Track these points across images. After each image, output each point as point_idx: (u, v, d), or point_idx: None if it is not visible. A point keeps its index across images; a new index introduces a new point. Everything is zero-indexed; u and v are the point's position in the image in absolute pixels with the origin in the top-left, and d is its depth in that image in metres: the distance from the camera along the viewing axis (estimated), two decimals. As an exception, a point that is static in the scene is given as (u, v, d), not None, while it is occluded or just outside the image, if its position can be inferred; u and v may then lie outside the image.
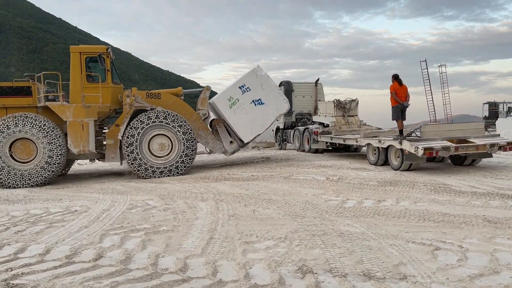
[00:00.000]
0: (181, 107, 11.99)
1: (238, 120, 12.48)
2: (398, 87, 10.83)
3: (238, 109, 12.47)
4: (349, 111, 15.78)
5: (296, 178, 9.59)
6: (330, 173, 10.26)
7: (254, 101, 12.54)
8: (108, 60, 11.35)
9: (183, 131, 11.43)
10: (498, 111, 37.40)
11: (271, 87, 12.80)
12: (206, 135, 12.28)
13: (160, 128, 11.31)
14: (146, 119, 11.20)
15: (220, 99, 12.64)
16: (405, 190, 8.01)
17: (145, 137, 11.21)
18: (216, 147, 12.49)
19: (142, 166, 11.11)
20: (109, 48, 11.47)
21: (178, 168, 11.37)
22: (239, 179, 9.75)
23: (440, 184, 8.50)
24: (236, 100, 12.44)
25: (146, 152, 11.19)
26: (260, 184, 8.79)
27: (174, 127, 11.36)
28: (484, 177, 9.29)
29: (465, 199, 7.07)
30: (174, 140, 11.37)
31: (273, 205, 6.69)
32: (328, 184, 8.69)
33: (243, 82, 12.58)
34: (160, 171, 11.23)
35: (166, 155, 11.38)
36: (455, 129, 10.51)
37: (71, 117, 10.77)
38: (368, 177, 9.53)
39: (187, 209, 6.49)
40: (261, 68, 12.83)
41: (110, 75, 11.46)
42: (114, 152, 11.27)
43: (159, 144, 11.33)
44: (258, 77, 12.67)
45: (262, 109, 12.61)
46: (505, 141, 9.99)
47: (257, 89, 12.58)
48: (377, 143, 11.36)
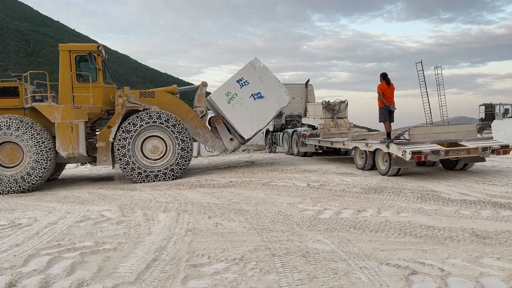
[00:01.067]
0: (177, 105, 11.41)
1: (238, 115, 11.84)
2: (385, 87, 10.21)
3: (237, 104, 11.83)
4: (338, 113, 15.14)
5: (275, 184, 8.95)
6: (313, 179, 9.64)
7: (253, 95, 11.88)
8: (99, 59, 10.75)
9: (178, 132, 10.81)
10: (495, 113, 36.84)
11: (270, 79, 12.10)
12: (204, 134, 11.68)
13: (154, 129, 10.71)
14: (139, 120, 10.58)
15: (217, 95, 11.95)
16: (390, 198, 7.38)
17: (138, 139, 10.60)
18: (215, 145, 11.88)
19: (135, 170, 10.51)
20: (100, 46, 10.87)
21: (173, 171, 10.76)
22: (215, 186, 9.11)
23: (428, 191, 7.88)
24: (234, 95, 11.79)
25: (139, 154, 10.59)
26: (235, 192, 8.15)
27: (168, 128, 10.74)
28: (476, 183, 8.68)
29: (453, 209, 6.45)
30: (169, 142, 10.77)
31: (241, 217, 6.05)
32: (307, 191, 8.06)
33: (241, 76, 11.90)
34: (154, 175, 10.62)
35: (160, 158, 10.78)
36: (446, 132, 9.89)
37: (59, 119, 10.12)
38: (353, 183, 8.91)
39: (143, 222, 5.85)
40: (259, 60, 12.12)
41: (102, 75, 10.87)
42: (105, 155, 10.66)
43: (152, 146, 10.72)
44: (257, 69, 11.99)
45: (262, 103, 11.95)
46: (498, 144, 9.37)
47: (256, 82, 11.91)
48: (364, 147, 10.74)
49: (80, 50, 10.67)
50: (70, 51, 10.62)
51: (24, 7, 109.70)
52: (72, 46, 10.87)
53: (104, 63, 11.19)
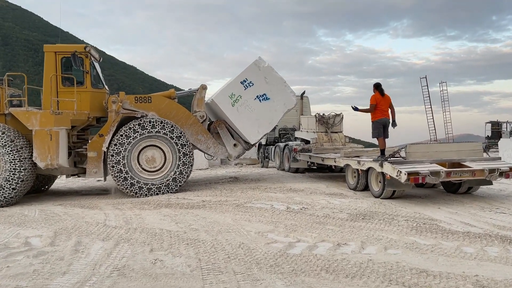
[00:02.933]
0: (175, 110, 10.49)
1: (243, 119, 10.90)
2: (379, 98, 9.20)
3: (242, 107, 10.87)
4: (333, 127, 14.06)
5: (250, 206, 7.85)
6: (296, 200, 8.53)
7: (259, 96, 10.97)
8: (87, 61, 9.85)
9: (182, 145, 9.88)
10: (501, 131, 35.63)
11: (276, 79, 11.17)
12: (206, 140, 10.74)
13: (155, 139, 9.77)
14: (140, 128, 9.65)
15: (220, 97, 10.95)
16: (379, 227, 6.26)
17: (134, 149, 9.66)
18: (218, 152, 10.94)
19: (128, 180, 9.54)
20: (87, 47, 9.95)
21: (168, 186, 9.80)
22: (183, 206, 8.02)
23: (426, 220, 6.75)
24: (238, 97, 10.85)
25: (135, 165, 9.65)
26: (200, 215, 7.05)
27: (172, 139, 9.81)
28: (482, 210, 7.54)
29: (454, 244, 5.32)
30: (169, 154, 9.83)
31: (191, 250, 4.95)
32: (284, 216, 6.95)
33: (245, 76, 10.94)
34: (148, 188, 9.66)
35: (157, 170, 9.82)
36: (448, 150, 8.77)
37: (37, 126, 9.07)
38: (340, 207, 7.79)
39: (69, 254, 4.75)
40: (263, 59, 11.17)
41: (89, 78, 9.92)
42: (97, 166, 9.66)
43: (149, 157, 9.79)
44: (261, 69, 11.05)
45: (268, 105, 11.03)
46: (507, 166, 8.23)
47: (260, 83, 10.98)
48: (356, 165, 9.63)
49: (67, 51, 9.75)
50: (56, 52, 9.77)
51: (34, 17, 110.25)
52: (58, 47, 10.01)
53: (94, 66, 10.26)
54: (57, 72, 9.71)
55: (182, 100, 11.92)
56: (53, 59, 9.73)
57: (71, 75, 9.75)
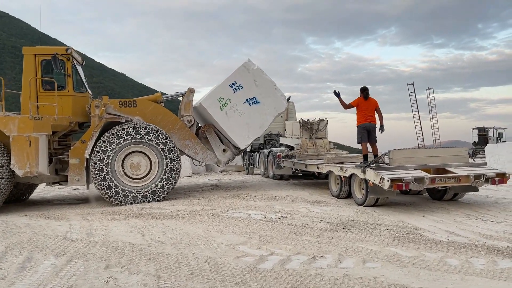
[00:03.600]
0: (162, 114, 10.10)
1: (232, 123, 10.52)
2: (362, 102, 8.92)
3: (231, 111, 10.48)
4: (317, 133, 13.72)
5: (226, 216, 7.43)
6: (276, 209, 8.13)
7: (248, 100, 10.60)
8: (68, 64, 9.43)
9: (168, 150, 9.49)
10: (488, 137, 35.76)
11: (266, 82, 10.79)
12: (194, 145, 10.36)
13: (140, 145, 9.38)
14: (124, 133, 9.25)
15: (209, 101, 10.55)
16: (360, 237, 5.88)
17: (118, 155, 9.25)
18: (207, 157, 10.56)
19: (112, 188, 9.14)
20: (69, 49, 9.52)
21: (155, 193, 9.40)
22: (155, 216, 7.57)
23: (409, 229, 6.40)
24: (227, 101, 10.46)
25: (119, 173, 9.24)
26: (171, 226, 6.61)
27: (158, 146, 9.42)
28: (468, 217, 7.21)
29: (437, 256, 4.96)
30: (155, 160, 9.44)
31: (151, 267, 4.51)
32: (260, 226, 6.54)
33: (234, 79, 10.55)
34: (133, 196, 9.26)
35: (142, 177, 9.42)
36: (433, 156, 8.46)
37: (15, 131, 8.60)
38: (320, 216, 7.41)
39: (13, 272, 4.28)
40: (252, 62, 10.78)
41: (71, 82, 9.49)
42: (79, 173, 9.21)
43: (134, 163, 9.39)
44: (251, 72, 10.67)
45: (258, 109, 10.66)
46: (493, 171, 7.93)
47: (250, 86, 10.60)
48: (338, 171, 9.28)
49: (47, 54, 9.32)
50: (35, 54, 9.34)
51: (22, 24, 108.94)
52: (38, 49, 9.56)
53: (76, 69, 9.82)
54: (37, 75, 9.30)
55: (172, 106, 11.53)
56: (32, 62, 9.33)
57: (51, 78, 9.32)
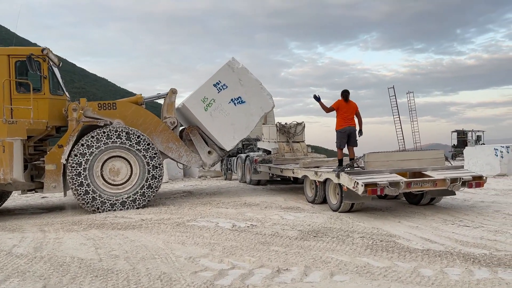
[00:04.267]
0: (143, 117, 9.67)
1: (217, 124, 10.14)
2: (342, 104, 8.66)
3: (216, 111, 10.10)
4: (294, 136, 13.43)
5: (192, 225, 7.00)
6: (247, 216, 7.75)
7: (233, 100, 10.24)
8: (44, 65, 8.93)
9: (150, 157, 9.05)
10: (467, 139, 36.11)
11: (251, 82, 10.42)
12: (178, 148, 9.94)
13: (120, 150, 8.93)
14: (104, 137, 8.80)
15: (192, 101, 10.16)
16: (331, 246, 5.54)
17: (98, 160, 8.79)
18: (191, 160, 10.14)
19: (89, 194, 8.68)
20: (45, 50, 9.00)
21: (135, 201, 8.96)
22: (116, 227, 7.09)
23: (384, 236, 6.09)
24: (211, 101, 10.07)
25: (97, 178, 8.79)
26: (131, 237, 6.16)
27: (140, 151, 8.98)
28: (444, 223, 6.95)
29: (410, 266, 4.65)
30: (135, 166, 8.99)
31: (97, 285, 4.07)
32: (226, 236, 6.14)
33: (218, 79, 10.16)
34: (111, 203, 8.83)
35: (122, 184, 9.00)
36: (409, 159, 8.20)
37: None
38: (292, 223, 7.06)
39: None
40: (237, 60, 10.40)
41: (48, 84, 8.98)
42: (56, 180, 8.71)
43: (115, 168, 8.97)
44: (235, 71, 10.28)
45: (243, 109, 10.29)
46: (470, 175, 7.70)
47: (235, 86, 10.22)
48: (313, 176, 8.97)
49: (21, 55, 8.82)
50: (9, 55, 8.82)
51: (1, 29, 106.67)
52: (12, 49, 9.04)
53: (52, 71, 9.33)
54: (11, 77, 8.78)
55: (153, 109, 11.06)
56: (6, 63, 8.81)
57: (26, 80, 8.83)
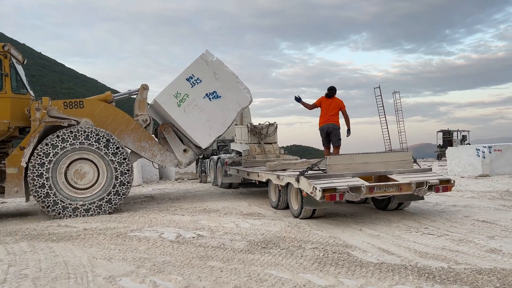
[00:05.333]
0: (113, 115, 9.14)
1: (191, 121, 9.59)
2: (324, 100, 8.24)
3: (189, 107, 9.55)
4: (266, 138, 12.88)
5: (134, 236, 6.42)
6: (200, 224, 7.19)
7: (208, 94, 9.69)
8: (6, 62, 8.36)
9: (113, 154, 8.54)
10: (452, 139, 35.95)
11: (227, 75, 9.85)
12: (151, 147, 9.39)
13: (83, 151, 8.40)
14: (60, 140, 8.27)
15: (164, 97, 9.57)
16: (276, 260, 5.00)
17: (60, 164, 8.25)
18: (166, 159, 9.61)
19: (50, 197, 8.16)
20: (7, 46, 8.44)
21: (101, 207, 8.43)
22: (50, 238, 6.48)
23: (338, 247, 5.57)
24: (185, 96, 9.53)
25: (61, 183, 8.24)
26: (57, 251, 5.57)
27: (100, 150, 8.46)
28: (408, 230, 6.44)
29: (357, 284, 4.13)
30: (103, 170, 8.48)
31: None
32: (163, 249, 5.57)
33: (191, 73, 9.61)
34: (74, 208, 8.28)
35: (88, 188, 8.46)
36: (373, 162, 7.68)
37: None
38: (245, 232, 6.51)
39: None
40: (211, 53, 9.81)
41: (9, 82, 8.40)
42: (17, 184, 8.16)
43: (80, 171, 8.43)
44: (209, 64, 9.71)
45: (219, 104, 9.74)
46: (437, 178, 7.20)
47: (210, 80, 9.67)
48: (276, 180, 8.43)
49: None
50: None
51: None
52: None
53: (14, 68, 8.72)
54: None
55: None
56: None
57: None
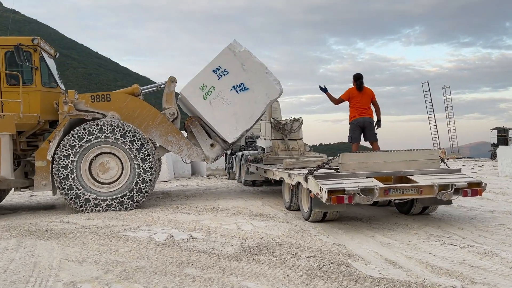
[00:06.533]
0: (140, 108, 9.06)
1: (217, 114, 9.27)
2: (355, 93, 7.61)
3: (216, 100, 9.22)
4: (290, 134, 12.22)
5: (123, 235, 6.06)
6: (201, 225, 6.75)
7: (235, 87, 9.28)
8: (36, 55, 8.47)
9: (137, 150, 8.47)
10: (508, 137, 33.25)
11: (255, 66, 9.34)
12: (178, 141, 9.24)
13: (109, 145, 8.40)
14: (86, 133, 8.30)
15: (189, 90, 9.29)
16: (260, 270, 4.43)
17: (85, 157, 8.29)
18: (193, 154, 9.40)
19: (73, 192, 8.20)
20: (36, 39, 8.52)
21: (122, 204, 8.38)
22: (43, 235, 6.28)
23: (340, 256, 4.91)
24: (211, 89, 9.20)
25: (85, 177, 8.27)
26: (37, 250, 5.33)
27: (125, 145, 8.41)
28: (427, 239, 5.63)
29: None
30: (126, 164, 8.43)
31: None
32: (143, 252, 5.15)
33: (218, 64, 9.23)
34: (96, 203, 8.31)
35: (112, 182, 8.44)
36: (394, 161, 6.87)
37: None
38: (244, 235, 5.99)
39: None
40: (239, 43, 9.37)
41: (39, 75, 8.53)
42: (46, 177, 8.27)
43: (105, 165, 8.44)
44: (237, 55, 9.25)
45: (247, 97, 9.30)
46: (465, 180, 6.27)
47: (237, 71, 9.25)
48: (288, 179, 7.82)
49: (11, 45, 8.34)
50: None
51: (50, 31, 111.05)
52: (1, 39, 8.65)
53: (45, 62, 8.83)
54: (0, 68, 8.35)
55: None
56: None
57: (17, 72, 8.34)
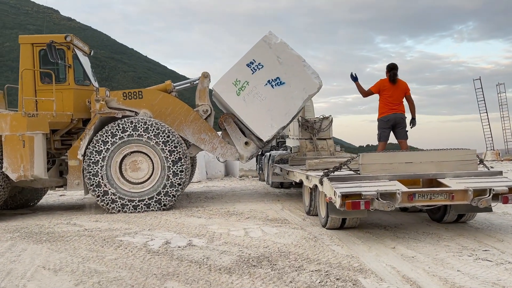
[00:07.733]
0: (172, 105, 8.87)
1: (251, 111, 8.80)
2: (387, 86, 7.03)
3: (249, 96, 8.74)
4: (319, 133, 11.49)
5: (120, 240, 5.67)
6: (207, 230, 6.26)
7: (271, 81, 8.75)
8: (69, 53, 8.48)
9: (170, 151, 8.25)
10: None
11: (292, 58, 8.74)
12: (211, 139, 8.97)
13: (138, 143, 8.24)
14: (120, 130, 8.17)
15: (222, 85, 8.87)
16: (253, 285, 3.87)
17: (115, 156, 8.17)
18: (227, 152, 9.08)
19: (101, 189, 8.09)
20: (69, 36, 8.51)
21: (149, 206, 8.18)
22: (41, 239, 6.04)
23: (350, 270, 4.26)
24: (245, 84, 8.72)
25: (116, 177, 8.17)
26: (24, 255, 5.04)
27: (158, 145, 8.22)
28: (459, 252, 4.81)
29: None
30: (157, 165, 8.25)
31: None
32: (129, 261, 4.71)
33: (252, 57, 8.70)
34: (134, 205, 8.16)
35: (144, 182, 8.28)
36: (423, 162, 6.03)
37: (7, 130, 7.76)
38: (248, 243, 5.43)
39: None
40: (274, 35, 8.82)
41: (73, 73, 8.55)
42: (78, 176, 8.23)
43: (136, 164, 8.30)
44: (272, 47, 8.69)
45: (283, 92, 8.74)
46: (505, 185, 5.35)
47: (272, 65, 8.69)
48: (306, 181, 7.17)
49: (45, 43, 8.32)
50: (33, 44, 8.42)
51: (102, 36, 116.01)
52: (35, 37, 8.67)
53: (79, 59, 8.80)
54: (35, 66, 8.36)
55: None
56: (29, 52, 8.39)
57: (49, 70, 8.32)
